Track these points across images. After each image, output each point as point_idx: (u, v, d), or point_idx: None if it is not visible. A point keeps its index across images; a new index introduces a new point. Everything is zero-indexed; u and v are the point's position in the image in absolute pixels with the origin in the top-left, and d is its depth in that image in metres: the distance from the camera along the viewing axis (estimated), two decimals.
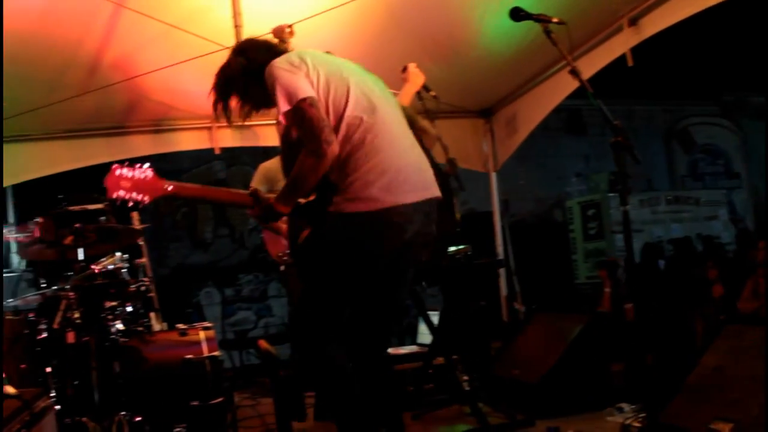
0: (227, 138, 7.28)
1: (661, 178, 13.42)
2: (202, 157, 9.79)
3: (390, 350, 5.96)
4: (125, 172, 3.21)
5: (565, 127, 11.87)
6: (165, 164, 9.97)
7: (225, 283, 10.24)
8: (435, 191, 3.31)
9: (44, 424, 3.24)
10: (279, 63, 3.20)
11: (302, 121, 3.06)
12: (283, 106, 3.09)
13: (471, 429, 4.83)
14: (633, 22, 5.39)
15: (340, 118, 3.14)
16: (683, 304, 6.77)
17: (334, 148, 3.05)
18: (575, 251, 10.40)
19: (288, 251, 6.68)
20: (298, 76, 3.12)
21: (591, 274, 9.91)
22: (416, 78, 4.69)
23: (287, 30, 5.18)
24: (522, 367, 5.36)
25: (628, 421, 4.49)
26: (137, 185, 3.23)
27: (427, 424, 4.82)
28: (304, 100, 3.04)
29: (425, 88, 4.81)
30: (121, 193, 3.20)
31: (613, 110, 9.27)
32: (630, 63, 5.41)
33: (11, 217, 8.90)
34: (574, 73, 3.44)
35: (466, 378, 5.12)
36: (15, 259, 7.69)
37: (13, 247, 7.53)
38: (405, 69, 4.72)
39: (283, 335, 9.72)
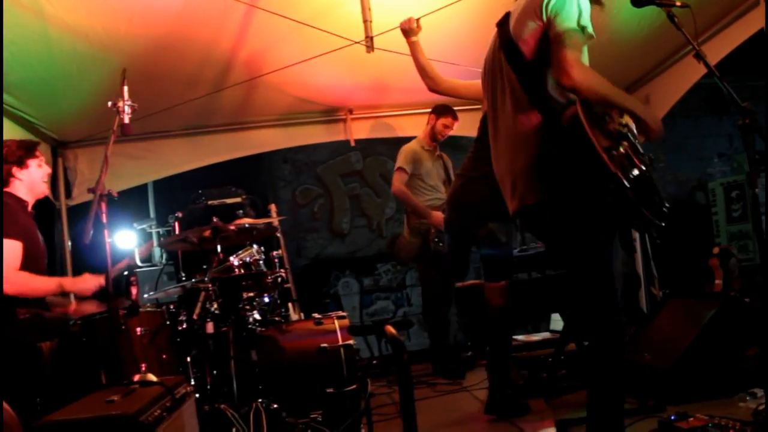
0: (361, 129, 7.38)
1: None
2: (339, 148, 9.91)
3: (522, 337, 5.97)
4: None
5: (706, 106, 11.41)
6: (302, 155, 10.17)
7: (363, 273, 10.32)
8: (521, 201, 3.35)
9: (184, 410, 3.35)
10: None
11: None
12: None
13: None
14: None
15: None
16: None
17: None
18: (718, 234, 10.04)
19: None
20: None
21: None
22: None
23: (414, 24, 5.23)
24: (654, 353, 5.27)
25: (760, 407, 4.33)
26: None
27: (560, 409, 4.80)
28: None
29: None
30: None
31: (756, 87, 8.90)
32: None
33: (151, 213, 9.26)
34: (699, 57, 3.30)
35: None
36: (157, 253, 7.98)
37: (155, 241, 7.81)
38: None
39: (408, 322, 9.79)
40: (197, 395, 4.19)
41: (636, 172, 3.02)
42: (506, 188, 3.47)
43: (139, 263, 7.99)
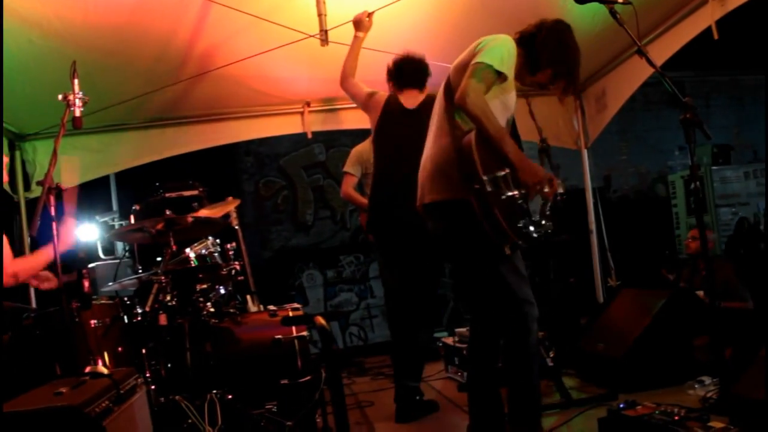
0: (319, 122, 7.40)
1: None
2: (302, 140, 9.93)
3: (465, 330, 6.00)
4: None
5: (667, 99, 11.55)
6: (265, 148, 10.17)
7: (327, 265, 10.35)
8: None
9: (134, 402, 3.36)
10: None
11: None
12: None
13: (554, 403, 4.92)
14: None
15: None
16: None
17: None
18: (678, 226, 10.20)
19: None
20: None
21: None
22: None
23: (366, 19, 5.27)
24: (607, 342, 5.43)
25: (708, 394, 4.58)
26: None
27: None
28: None
29: None
30: None
31: (717, 81, 9.15)
32: (716, 36, 5.24)
33: (114, 205, 9.23)
34: (641, 53, 3.47)
35: (551, 354, 5.18)
36: (119, 246, 7.96)
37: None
38: None
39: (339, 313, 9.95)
40: (153, 387, 4.22)
41: (509, 193, 3.40)
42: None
43: (102, 256, 7.98)
